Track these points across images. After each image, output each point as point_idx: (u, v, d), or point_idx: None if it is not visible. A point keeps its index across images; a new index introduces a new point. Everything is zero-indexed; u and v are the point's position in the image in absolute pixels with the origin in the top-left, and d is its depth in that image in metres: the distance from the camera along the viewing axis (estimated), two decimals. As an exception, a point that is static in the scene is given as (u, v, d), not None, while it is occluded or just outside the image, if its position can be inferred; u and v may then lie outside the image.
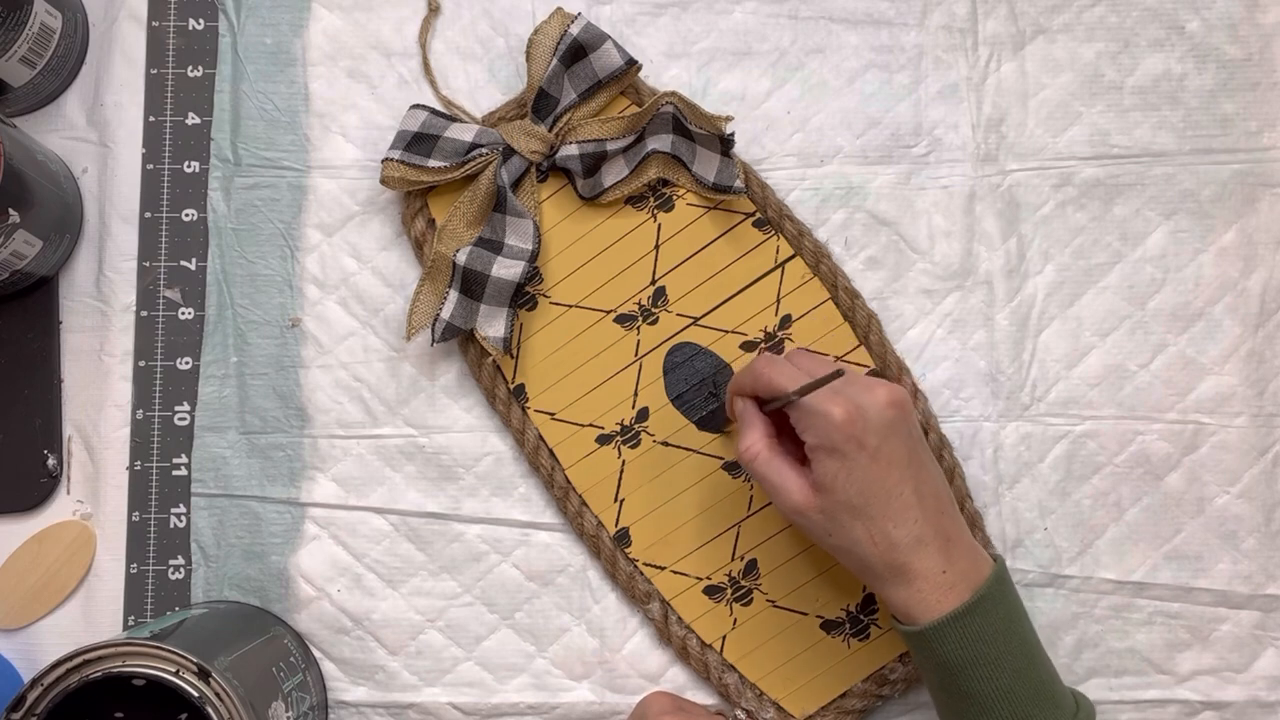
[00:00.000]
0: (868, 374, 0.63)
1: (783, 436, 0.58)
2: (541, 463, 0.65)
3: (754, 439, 0.57)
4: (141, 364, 0.67)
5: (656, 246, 0.66)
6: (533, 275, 0.65)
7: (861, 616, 0.64)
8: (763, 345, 0.65)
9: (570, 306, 0.66)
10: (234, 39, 0.68)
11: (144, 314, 0.67)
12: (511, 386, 0.66)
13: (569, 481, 0.65)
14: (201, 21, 0.69)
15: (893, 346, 0.66)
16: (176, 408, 0.67)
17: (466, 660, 0.66)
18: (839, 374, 0.54)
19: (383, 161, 0.64)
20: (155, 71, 0.68)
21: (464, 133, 0.64)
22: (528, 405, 0.66)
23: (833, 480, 0.54)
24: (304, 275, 0.67)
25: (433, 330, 0.63)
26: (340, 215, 0.67)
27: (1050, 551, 0.65)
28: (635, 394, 0.66)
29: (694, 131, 0.64)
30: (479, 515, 0.66)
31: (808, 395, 0.54)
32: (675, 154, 0.65)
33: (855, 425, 0.53)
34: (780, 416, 0.58)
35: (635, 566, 0.65)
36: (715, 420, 0.66)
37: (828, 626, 0.65)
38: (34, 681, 0.53)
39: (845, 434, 0.53)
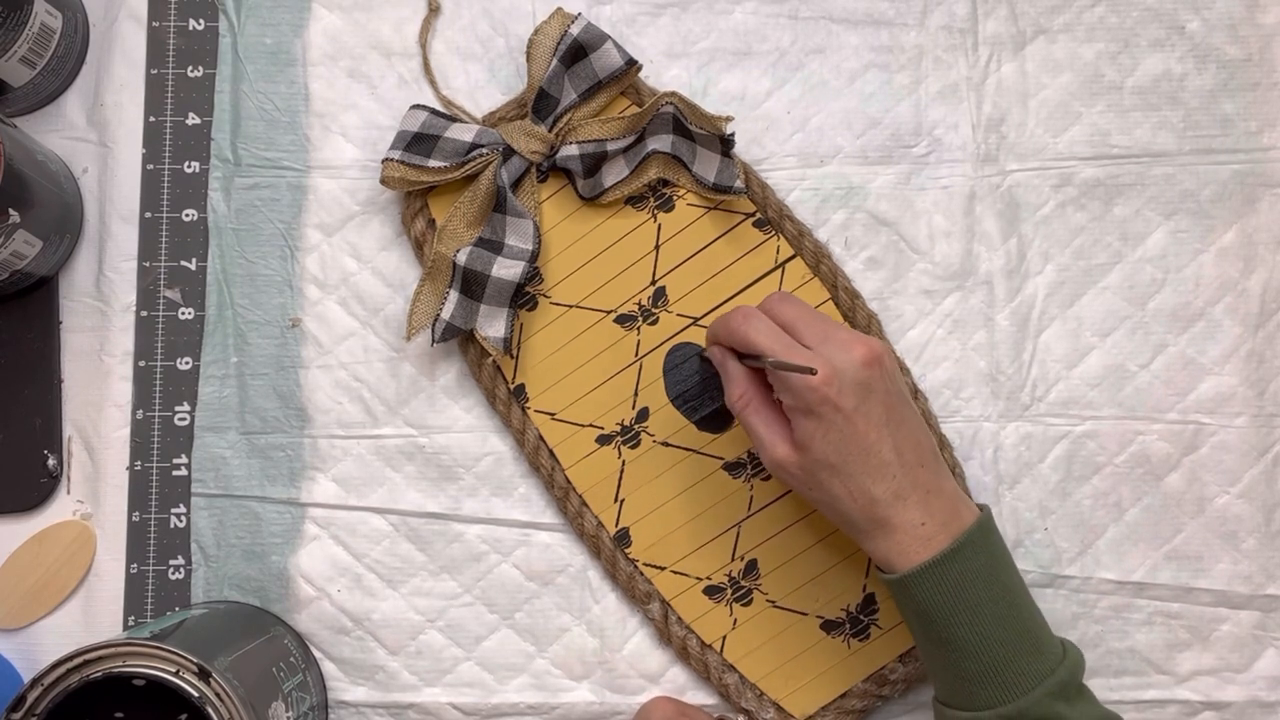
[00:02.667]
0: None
1: (769, 386, 0.58)
2: (541, 463, 0.65)
3: (744, 387, 0.58)
4: (141, 364, 0.67)
5: (657, 247, 0.66)
6: (533, 275, 0.65)
7: (861, 616, 0.64)
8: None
9: (570, 307, 0.66)
10: (234, 39, 0.68)
11: (144, 314, 0.67)
12: (511, 386, 0.66)
13: (569, 482, 0.65)
14: (201, 21, 0.69)
15: (893, 346, 0.66)
16: (176, 408, 0.67)
17: (466, 660, 0.66)
18: (813, 371, 0.54)
19: (383, 161, 0.64)
20: (155, 71, 0.68)
21: (464, 133, 0.64)
22: (528, 405, 0.66)
23: (810, 440, 0.54)
24: (304, 275, 0.67)
25: (433, 330, 0.63)
26: (340, 215, 0.67)
27: (1050, 552, 0.65)
28: (635, 394, 0.66)
29: (694, 132, 0.64)
30: (479, 515, 0.66)
31: (787, 354, 0.55)
32: (675, 154, 0.65)
33: (831, 387, 0.54)
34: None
35: (635, 567, 0.65)
36: (715, 420, 0.66)
37: (828, 626, 0.65)
38: (34, 681, 0.53)
39: (821, 396, 0.54)
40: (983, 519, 0.55)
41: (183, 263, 0.68)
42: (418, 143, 0.64)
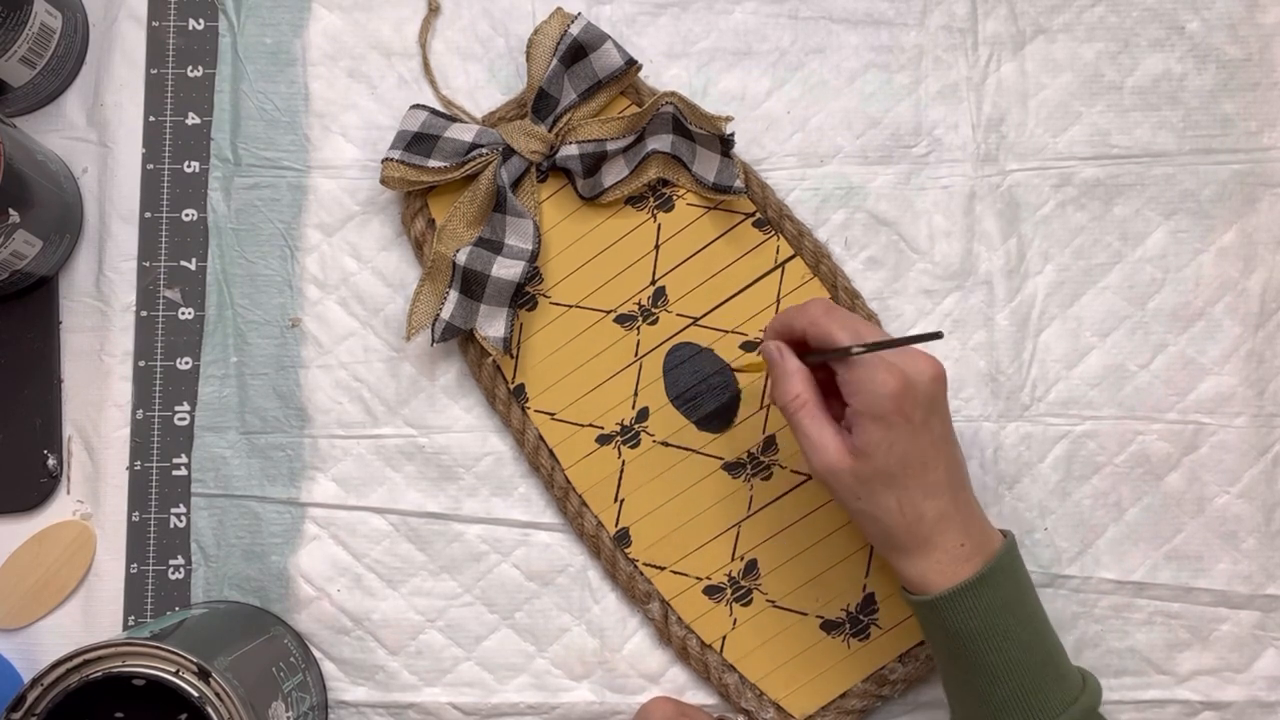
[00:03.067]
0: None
1: (822, 389, 0.57)
2: (541, 463, 0.65)
3: (801, 386, 0.56)
4: (141, 364, 0.67)
5: (656, 246, 0.66)
6: (533, 275, 0.65)
7: (861, 616, 0.64)
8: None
9: (570, 306, 0.66)
10: (234, 39, 0.68)
11: (144, 314, 0.67)
12: (511, 386, 0.66)
13: (569, 481, 0.65)
14: (201, 21, 0.69)
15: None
16: (176, 408, 0.67)
17: (466, 660, 0.66)
18: (937, 335, 0.54)
19: (383, 161, 0.64)
20: (155, 71, 0.68)
21: (464, 133, 0.64)
22: (528, 405, 0.66)
23: (874, 448, 0.53)
24: (304, 275, 0.67)
25: (433, 330, 0.63)
26: (340, 215, 0.67)
27: (1050, 551, 0.65)
28: (635, 394, 0.66)
29: (694, 131, 0.64)
30: (479, 515, 0.66)
31: (861, 357, 0.54)
32: (675, 154, 0.65)
33: (905, 397, 0.53)
34: (817, 369, 0.57)
35: (635, 566, 0.65)
36: (715, 420, 0.66)
37: (828, 626, 0.65)
38: (34, 681, 0.53)
39: (895, 404, 0.53)
40: (1009, 543, 0.55)
41: (183, 263, 0.68)
42: (418, 143, 0.64)
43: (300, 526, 0.66)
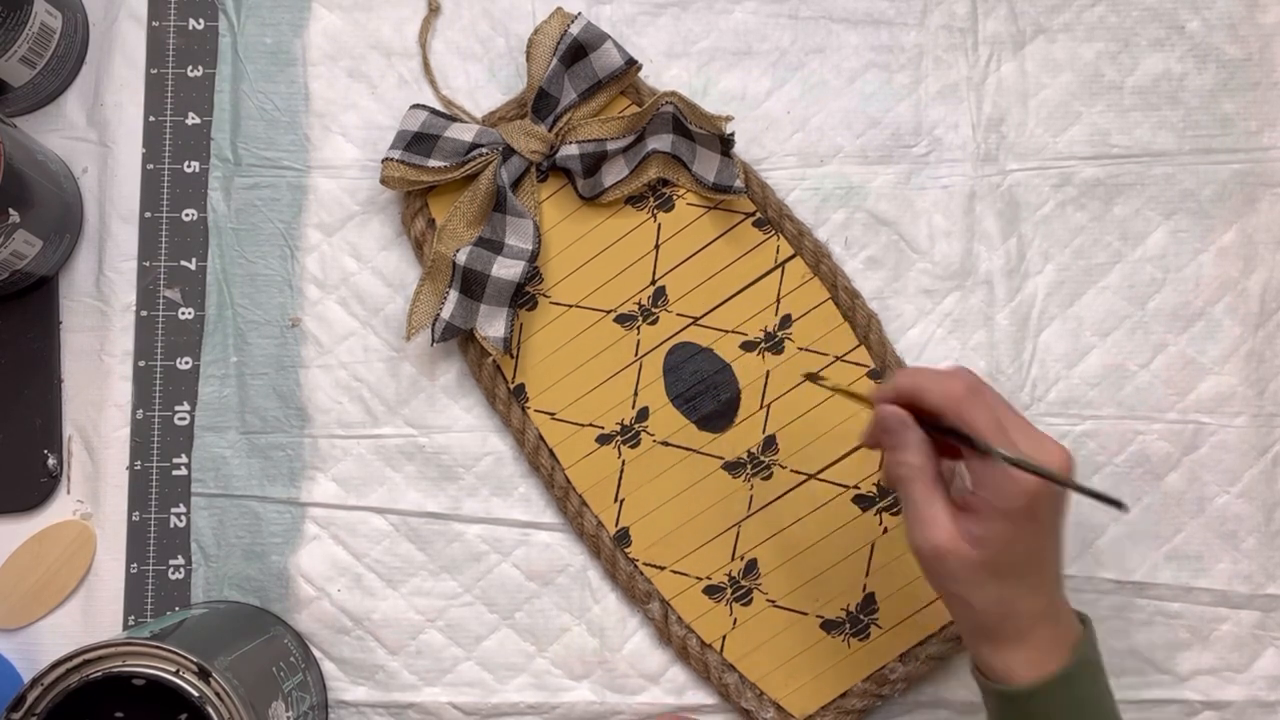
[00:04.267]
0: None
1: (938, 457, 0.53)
2: (541, 463, 0.65)
3: (921, 457, 0.51)
4: (141, 364, 0.67)
5: (656, 246, 0.66)
6: (533, 275, 0.65)
7: (861, 616, 0.64)
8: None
9: (570, 306, 0.66)
10: (234, 39, 0.68)
11: (144, 314, 0.67)
12: (511, 386, 0.66)
13: (569, 481, 0.65)
14: (201, 21, 0.69)
15: (893, 346, 0.66)
16: (176, 408, 0.67)
17: (466, 660, 0.66)
18: (1123, 507, 0.48)
19: (383, 161, 0.64)
20: (155, 71, 0.68)
21: (464, 133, 0.64)
22: (528, 405, 0.66)
23: (995, 542, 0.49)
24: (304, 275, 0.67)
25: (433, 330, 0.63)
26: (340, 215, 0.67)
27: (1050, 551, 0.65)
28: (635, 394, 0.66)
29: (694, 131, 0.64)
30: (479, 515, 0.66)
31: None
32: (675, 154, 0.65)
33: (1040, 499, 0.49)
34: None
35: (635, 566, 0.65)
36: (715, 420, 0.66)
37: (828, 626, 0.65)
38: (34, 681, 0.53)
39: (1029, 504, 0.49)
40: (1090, 634, 0.53)
41: (183, 262, 0.68)
42: (418, 142, 0.64)
43: (300, 526, 0.66)
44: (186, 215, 0.68)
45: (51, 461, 0.66)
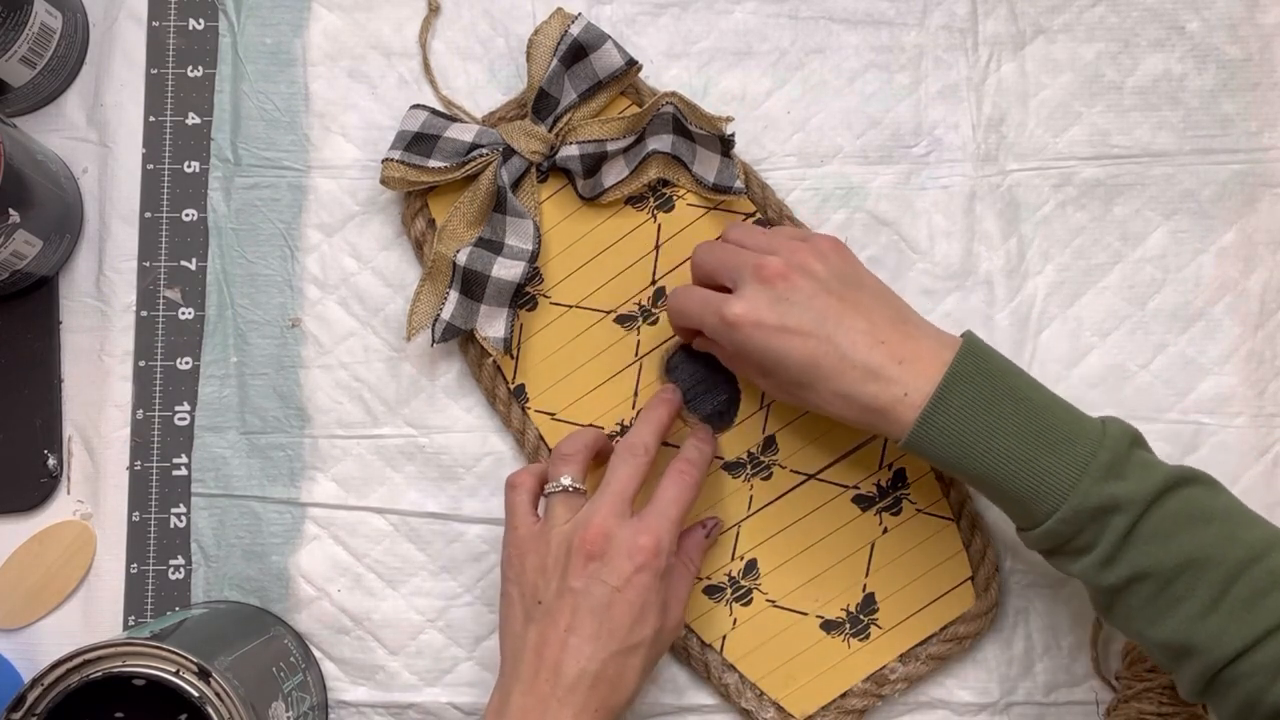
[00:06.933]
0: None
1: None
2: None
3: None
4: (141, 364, 0.67)
5: (657, 247, 0.66)
6: (533, 275, 0.65)
7: (861, 616, 0.64)
8: None
9: (570, 307, 0.66)
10: (234, 39, 0.68)
11: (144, 314, 0.67)
12: (512, 387, 0.66)
13: (569, 481, 0.65)
14: (201, 21, 0.69)
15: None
16: (176, 408, 0.67)
17: (466, 660, 0.66)
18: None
19: (383, 161, 0.64)
20: (155, 71, 0.68)
21: (464, 133, 0.64)
22: (528, 405, 0.66)
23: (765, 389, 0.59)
24: (304, 275, 0.67)
25: (433, 330, 0.63)
26: (340, 215, 0.67)
27: (1050, 551, 0.65)
28: (635, 394, 0.66)
29: (694, 132, 0.64)
30: (479, 515, 0.66)
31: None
32: (675, 154, 0.65)
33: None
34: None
35: (635, 566, 0.65)
36: (715, 420, 0.65)
37: (828, 626, 0.65)
38: (34, 681, 0.53)
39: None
40: (963, 348, 0.54)
41: (183, 263, 0.68)
42: (418, 143, 0.64)
43: (300, 526, 0.66)
44: (186, 215, 0.68)
45: (51, 461, 0.66)
